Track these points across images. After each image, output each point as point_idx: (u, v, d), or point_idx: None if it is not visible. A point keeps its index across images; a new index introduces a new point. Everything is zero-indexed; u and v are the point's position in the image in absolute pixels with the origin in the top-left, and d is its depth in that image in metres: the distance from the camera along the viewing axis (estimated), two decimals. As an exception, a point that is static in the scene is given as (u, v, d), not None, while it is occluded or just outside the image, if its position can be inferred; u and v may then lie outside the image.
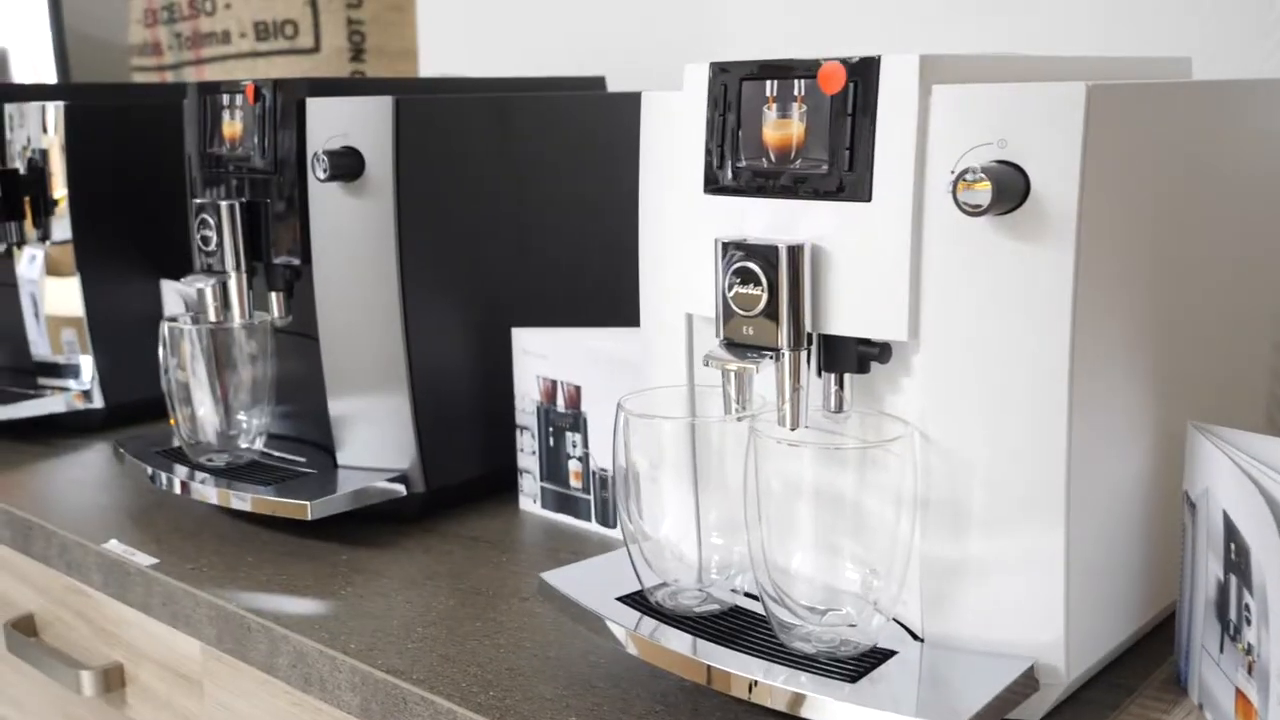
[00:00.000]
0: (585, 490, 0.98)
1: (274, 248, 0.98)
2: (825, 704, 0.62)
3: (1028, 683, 0.64)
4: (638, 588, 0.74)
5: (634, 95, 1.20)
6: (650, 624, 0.70)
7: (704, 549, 0.73)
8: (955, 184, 0.59)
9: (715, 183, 0.69)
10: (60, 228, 1.25)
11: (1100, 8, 1.08)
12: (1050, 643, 0.64)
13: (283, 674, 0.82)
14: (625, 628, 0.70)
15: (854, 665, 0.65)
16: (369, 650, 0.78)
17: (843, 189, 0.64)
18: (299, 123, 0.95)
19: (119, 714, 1.04)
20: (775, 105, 0.66)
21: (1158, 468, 0.71)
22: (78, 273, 1.24)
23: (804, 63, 0.64)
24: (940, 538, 0.65)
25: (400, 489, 0.97)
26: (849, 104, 0.63)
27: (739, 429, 0.70)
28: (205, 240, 0.97)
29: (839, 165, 0.63)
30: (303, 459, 1.03)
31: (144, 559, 0.94)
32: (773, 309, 0.64)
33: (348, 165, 0.92)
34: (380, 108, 0.93)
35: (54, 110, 1.23)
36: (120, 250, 1.27)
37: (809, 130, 0.65)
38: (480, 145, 1.01)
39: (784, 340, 0.64)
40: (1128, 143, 0.63)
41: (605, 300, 1.13)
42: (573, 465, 0.98)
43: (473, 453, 1.03)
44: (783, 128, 0.66)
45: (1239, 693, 0.63)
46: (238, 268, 0.97)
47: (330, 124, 0.94)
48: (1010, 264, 0.61)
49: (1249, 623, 0.62)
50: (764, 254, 0.64)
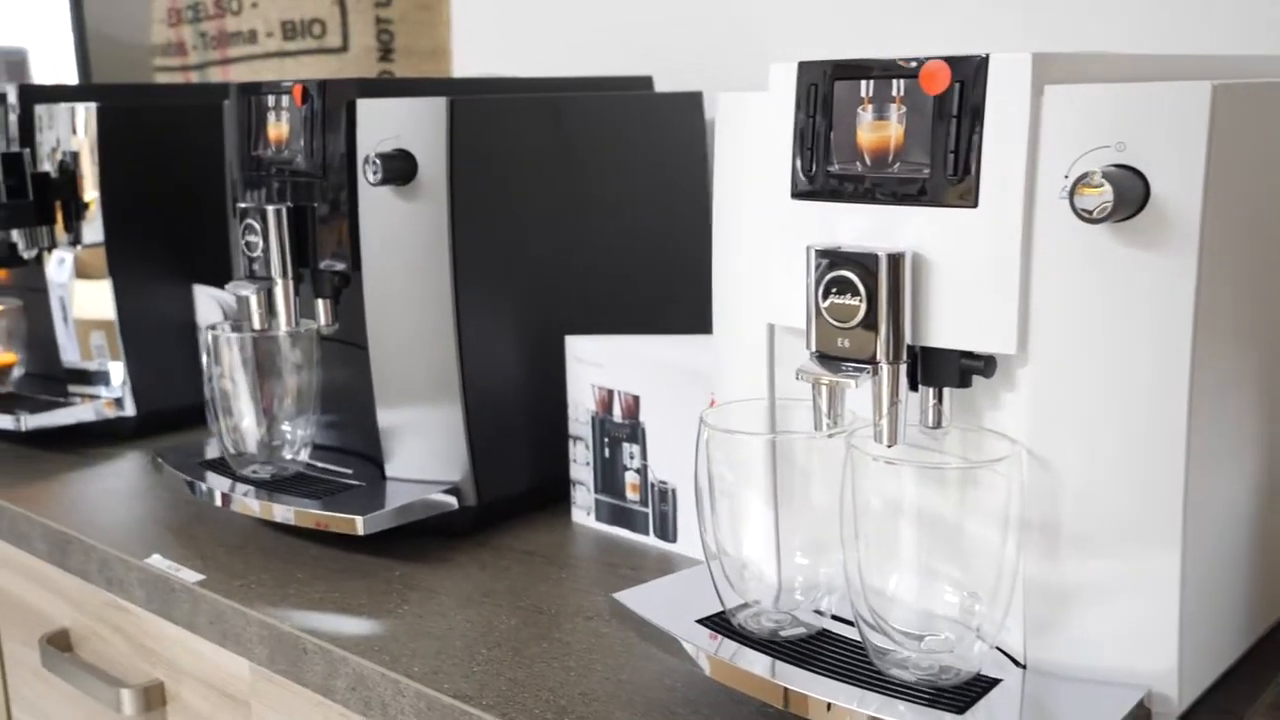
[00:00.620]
0: (643, 503, 0.95)
1: (320, 253, 0.95)
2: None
3: (1139, 714, 0.61)
4: (714, 608, 0.71)
5: (691, 95, 1.18)
6: (742, 652, 0.67)
7: (788, 569, 0.70)
8: (1072, 189, 0.56)
9: (803, 188, 0.66)
10: (90, 231, 1.22)
11: (1207, 5, 1.03)
12: (1163, 671, 0.61)
13: (340, 697, 0.79)
14: (717, 656, 0.66)
15: (957, 694, 0.62)
16: (433, 673, 0.75)
17: (947, 195, 0.60)
18: (349, 125, 0.92)
19: (159, 733, 1.01)
20: (871, 106, 0.63)
21: (1264, 481, 0.68)
22: (109, 276, 1.21)
23: (903, 61, 0.61)
24: (1045, 560, 0.62)
25: (453, 502, 0.94)
26: (954, 105, 0.60)
27: (825, 445, 0.67)
28: (250, 246, 0.94)
29: (943, 170, 0.60)
30: (349, 470, 1.00)
31: (189, 575, 0.91)
32: (871, 320, 0.61)
33: (401, 168, 0.89)
34: (434, 109, 0.89)
35: (85, 111, 1.20)
36: (152, 254, 1.24)
37: (908, 132, 0.61)
38: (534, 147, 0.98)
39: (883, 353, 0.61)
40: (1250, 144, 0.60)
41: (657, 306, 1.10)
42: (629, 477, 0.95)
43: (523, 464, 1.00)
44: (879, 130, 0.62)
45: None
46: (284, 274, 0.94)
47: (382, 126, 0.91)
48: (1128, 273, 0.58)
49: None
50: (862, 262, 0.61)
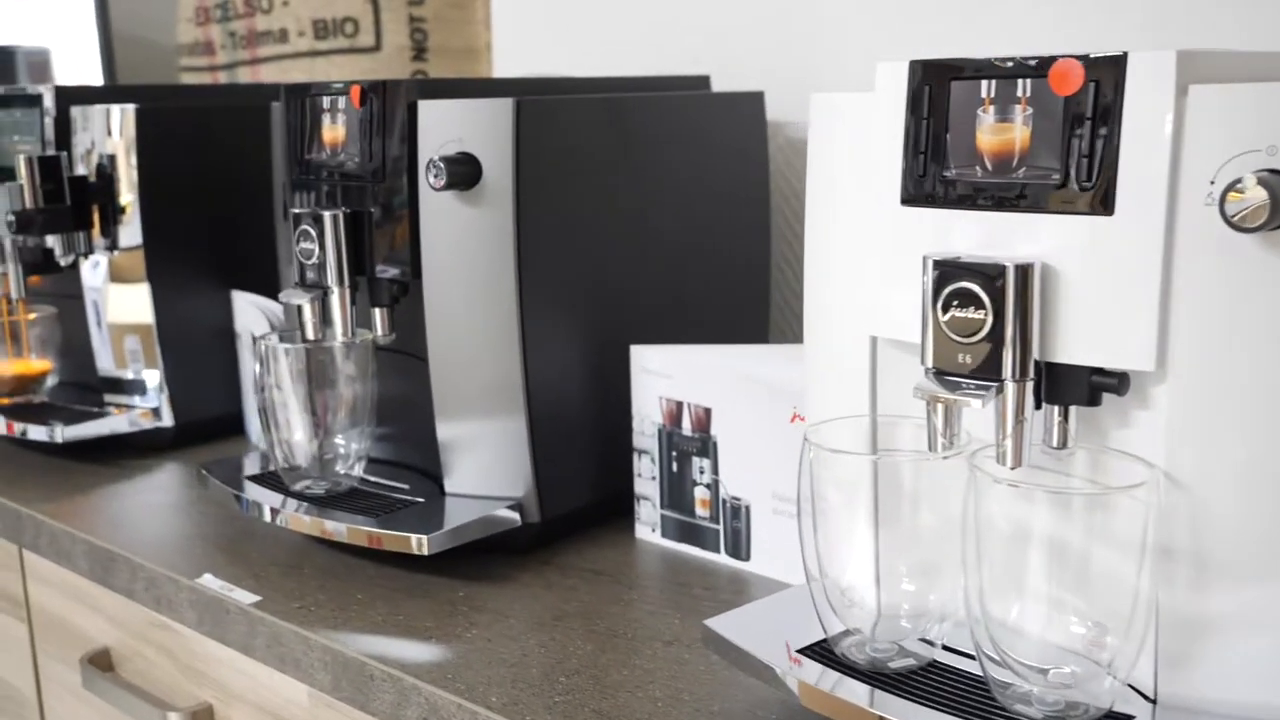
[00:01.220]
0: (713, 520, 0.91)
1: (376, 260, 0.92)
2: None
3: (1281, 752, 0.57)
4: (812, 635, 0.68)
5: (753, 95, 1.13)
6: (852, 686, 0.63)
7: (893, 594, 0.66)
8: (1223, 195, 0.52)
9: (915, 194, 0.62)
10: (126, 234, 1.18)
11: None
12: (1307, 707, 0.58)
13: (411, 726, 0.76)
14: (827, 691, 0.63)
15: (1086, 732, 0.58)
16: (513, 704, 0.71)
17: (1079, 201, 0.57)
18: (410, 127, 0.88)
19: (207, 757, 0.98)
20: (993, 108, 0.59)
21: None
22: (147, 281, 1.18)
23: (1029, 60, 0.58)
24: (1179, 590, 0.59)
25: (516, 518, 0.90)
26: (1089, 106, 0.56)
27: (936, 465, 0.64)
28: (306, 253, 0.90)
29: (1075, 175, 0.57)
30: (405, 486, 0.96)
31: (244, 596, 0.87)
32: (996, 335, 0.57)
33: (465, 172, 0.85)
34: (499, 110, 0.86)
35: (121, 113, 1.16)
36: (191, 259, 1.21)
37: (1035, 135, 0.58)
38: (599, 149, 0.94)
39: (1008, 370, 0.58)
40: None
41: (717, 314, 1.06)
42: (699, 492, 0.92)
43: (586, 479, 0.96)
44: (1002, 133, 0.59)
45: None
46: (341, 282, 0.90)
47: (444, 128, 0.87)
48: (1278, 284, 0.54)
49: None
50: (987, 274, 0.57)
